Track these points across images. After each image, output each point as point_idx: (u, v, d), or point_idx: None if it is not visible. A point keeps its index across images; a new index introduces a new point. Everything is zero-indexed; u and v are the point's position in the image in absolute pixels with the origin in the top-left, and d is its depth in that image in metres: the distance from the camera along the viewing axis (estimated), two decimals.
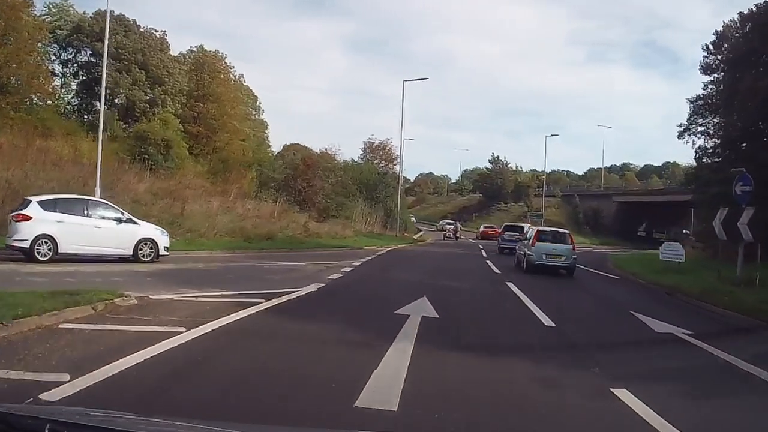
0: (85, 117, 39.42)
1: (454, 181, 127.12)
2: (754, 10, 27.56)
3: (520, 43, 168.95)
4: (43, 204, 14.81)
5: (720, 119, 34.26)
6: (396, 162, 55.01)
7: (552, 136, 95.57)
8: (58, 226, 14.59)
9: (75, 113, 40.00)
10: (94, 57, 37.20)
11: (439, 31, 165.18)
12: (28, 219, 14.35)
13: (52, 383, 4.82)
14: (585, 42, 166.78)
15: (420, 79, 47.29)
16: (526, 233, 24.90)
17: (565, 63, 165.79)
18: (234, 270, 15.92)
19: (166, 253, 16.70)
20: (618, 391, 5.62)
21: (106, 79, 35.65)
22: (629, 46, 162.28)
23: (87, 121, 38.07)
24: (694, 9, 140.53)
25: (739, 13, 30.04)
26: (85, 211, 15.41)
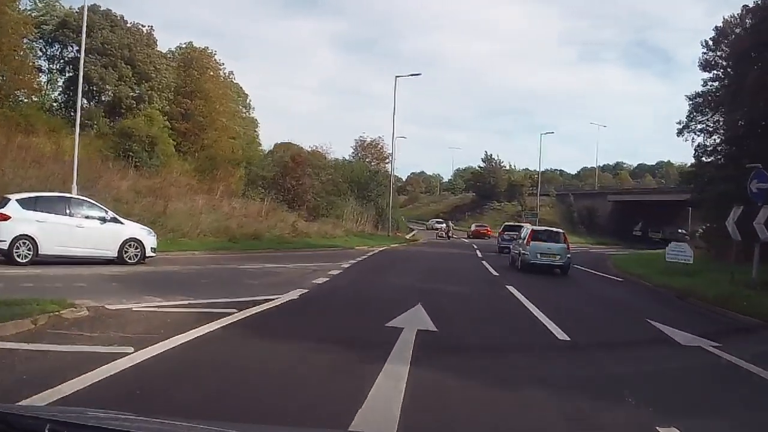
0: (72, 114, 38.18)
1: (447, 180, 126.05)
2: (760, 3, 26.66)
3: (511, 43, 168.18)
4: (22, 203, 13.80)
5: (722, 116, 33.53)
6: (388, 160, 53.97)
7: (547, 133, 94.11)
8: (39, 226, 13.62)
9: (61, 110, 38.66)
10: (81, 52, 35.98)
11: (431, 30, 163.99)
12: (7, 218, 13.33)
13: None
14: (577, 42, 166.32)
15: (412, 74, 46.52)
16: (521, 232, 24.72)
17: (557, 62, 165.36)
18: (212, 273, 14.63)
19: (153, 254, 15.67)
20: (666, 431, 4.47)
21: (91, 75, 35.99)
22: (622, 45, 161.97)
23: (73, 118, 36.82)
24: (686, 8, 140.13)
25: (744, 6, 29.10)
26: (68, 210, 14.41)
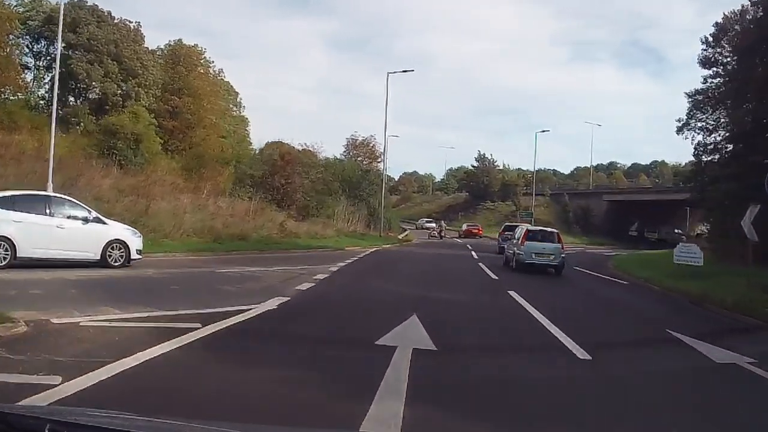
0: (60, 111, 37.11)
1: (439, 179, 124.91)
2: None
3: (504, 42, 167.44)
4: None
5: (725, 113, 32.75)
6: (380, 159, 52.87)
7: (543, 132, 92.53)
8: (17, 226, 12.66)
9: (48, 107, 37.64)
10: (67, 49, 35.13)
11: (423, 30, 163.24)
12: None
13: None
14: (569, 41, 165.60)
15: (404, 71, 45.21)
16: (515, 232, 25.01)
17: (550, 62, 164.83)
18: (186, 278, 13.34)
19: (139, 256, 14.68)
20: None
21: (77, 71, 35.06)
22: (614, 45, 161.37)
23: (60, 115, 35.95)
24: (679, 8, 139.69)
25: None
26: (48, 209, 13.41)
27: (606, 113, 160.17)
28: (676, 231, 61.41)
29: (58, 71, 25.12)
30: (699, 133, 34.50)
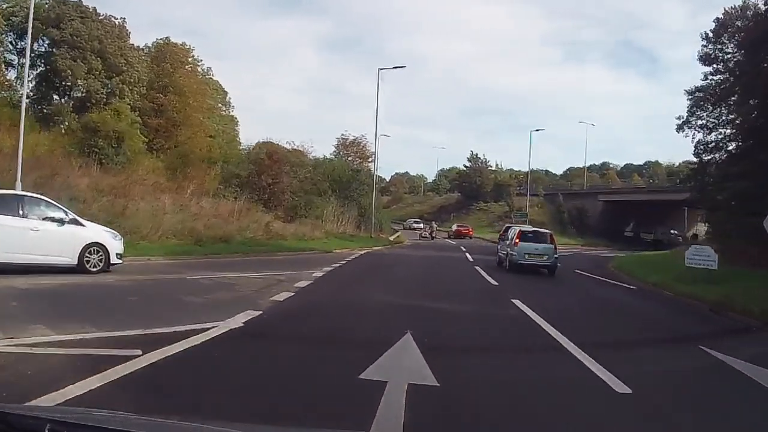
0: (45, 110, 36.25)
1: (431, 180, 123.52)
2: None
3: (495, 43, 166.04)
4: None
5: (726, 109, 31.85)
6: (371, 159, 51.56)
7: (537, 131, 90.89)
8: None
9: (32, 105, 36.30)
10: (52, 46, 34.58)
11: (414, 31, 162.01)
12: None
13: None
14: (560, 42, 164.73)
15: (396, 67, 43.80)
16: (507, 233, 24.69)
17: (541, 63, 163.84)
18: (150, 287, 11.86)
19: (119, 260, 13.60)
20: None
21: (60, 68, 33.73)
22: (607, 45, 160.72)
23: (42, 112, 35.32)
24: (670, 9, 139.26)
25: None
26: (21, 210, 12.26)
27: (598, 114, 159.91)
28: (672, 232, 60.37)
29: (28, 56, 24.30)
30: (700, 131, 33.49)
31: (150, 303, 9.46)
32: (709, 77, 33.39)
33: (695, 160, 33.82)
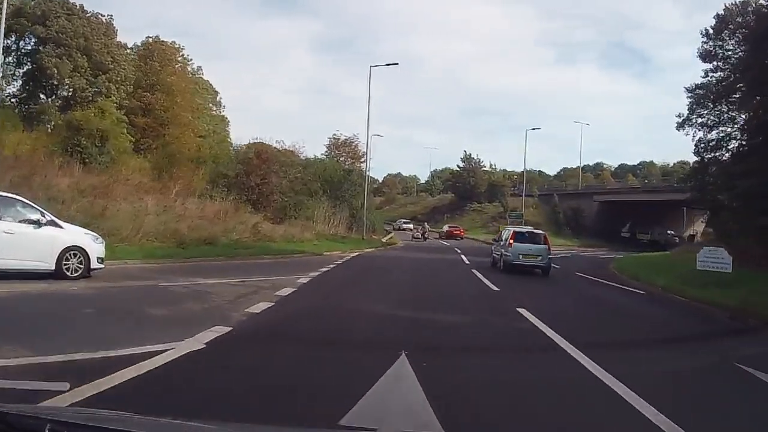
0: (31, 108, 35.44)
1: (424, 181, 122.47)
2: None
3: (488, 44, 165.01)
4: None
5: (727, 107, 31.05)
6: (363, 159, 50.48)
7: (533, 130, 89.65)
8: None
9: (20, 105, 36.01)
10: (39, 44, 34.06)
11: (407, 32, 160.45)
12: None
13: None
14: (554, 43, 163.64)
15: (388, 64, 42.91)
16: (501, 234, 24.95)
17: (535, 63, 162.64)
18: (114, 296, 10.66)
19: (101, 265, 12.65)
20: None
21: (46, 66, 32.70)
22: (600, 46, 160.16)
23: (30, 112, 34.61)
24: (664, 9, 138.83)
25: None
26: None
27: (591, 114, 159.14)
28: (669, 232, 59.59)
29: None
30: (700, 130, 32.65)
31: (106, 317, 8.24)
32: (710, 74, 32.60)
33: (695, 158, 33.07)
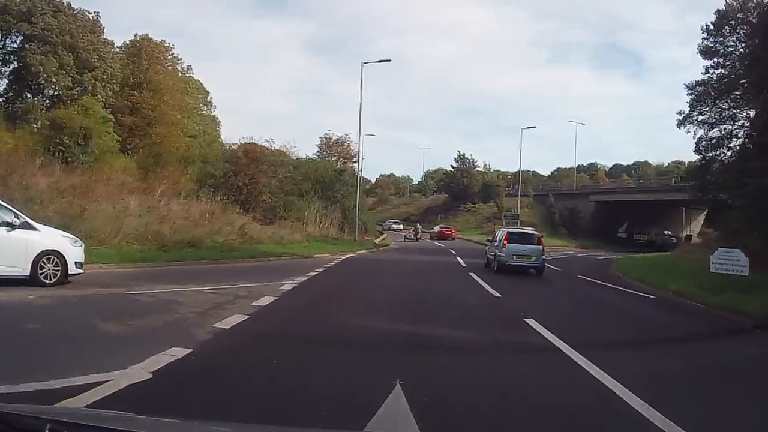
0: (16, 107, 34.79)
1: (417, 182, 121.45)
2: None
3: (481, 45, 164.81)
4: None
5: (728, 104, 30.35)
6: (355, 159, 49.46)
7: (528, 128, 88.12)
8: None
9: (6, 104, 35.36)
10: (24, 42, 33.38)
11: (399, 33, 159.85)
12: None
13: None
14: (547, 44, 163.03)
15: (380, 60, 41.75)
16: (495, 235, 24.93)
17: (527, 64, 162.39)
18: (70, 308, 9.38)
19: (80, 270, 11.88)
20: None
21: (31, 63, 31.89)
22: (592, 47, 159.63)
23: (15, 111, 33.93)
24: (656, 10, 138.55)
25: None
26: None
27: (585, 114, 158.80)
28: (666, 232, 58.81)
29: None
30: (701, 127, 31.86)
31: (50, 335, 7.03)
32: (711, 71, 31.86)
33: (696, 157, 32.42)
